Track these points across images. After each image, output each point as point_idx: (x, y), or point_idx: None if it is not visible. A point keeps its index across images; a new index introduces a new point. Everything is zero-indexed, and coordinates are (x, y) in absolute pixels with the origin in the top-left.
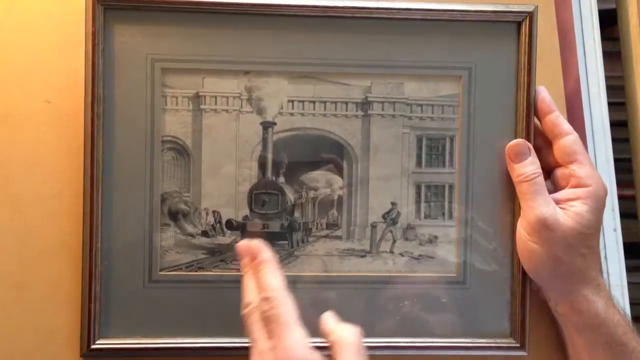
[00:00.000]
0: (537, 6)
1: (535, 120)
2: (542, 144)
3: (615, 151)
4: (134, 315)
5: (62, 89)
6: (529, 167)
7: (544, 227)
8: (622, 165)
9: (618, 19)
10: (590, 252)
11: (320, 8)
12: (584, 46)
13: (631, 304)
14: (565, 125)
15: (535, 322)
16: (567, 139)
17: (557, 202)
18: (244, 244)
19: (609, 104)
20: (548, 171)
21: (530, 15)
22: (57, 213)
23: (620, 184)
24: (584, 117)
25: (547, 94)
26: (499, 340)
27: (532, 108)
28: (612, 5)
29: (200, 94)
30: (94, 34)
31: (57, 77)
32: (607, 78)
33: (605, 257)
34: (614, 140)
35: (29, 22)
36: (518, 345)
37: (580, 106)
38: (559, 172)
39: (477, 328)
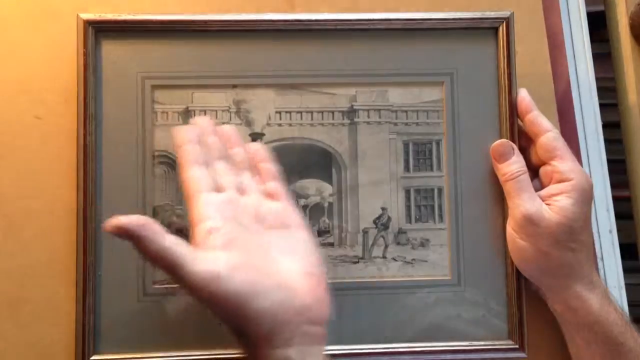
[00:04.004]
0: (513, 12)
1: (520, 122)
2: (527, 144)
3: (608, 152)
4: (128, 329)
5: (52, 105)
6: (513, 165)
7: (529, 223)
8: (616, 167)
9: (607, 20)
10: (581, 247)
11: (303, 22)
12: (573, 48)
13: (629, 305)
14: (545, 123)
15: (535, 322)
16: (546, 136)
17: (542, 199)
18: None
19: (601, 105)
20: (535, 170)
21: (507, 21)
22: (50, 229)
23: (615, 185)
24: (576, 120)
25: (527, 95)
26: (497, 342)
27: (514, 109)
28: (601, 7)
29: (190, 108)
30: (85, 54)
31: (47, 93)
32: (598, 80)
33: (602, 259)
34: (607, 141)
35: (19, 39)
36: (517, 346)
37: (571, 108)
38: (543, 170)
39: (474, 330)
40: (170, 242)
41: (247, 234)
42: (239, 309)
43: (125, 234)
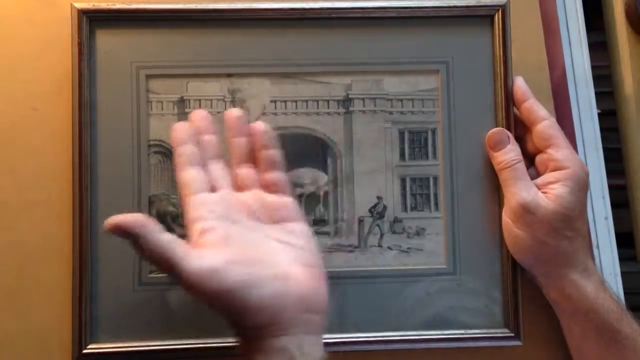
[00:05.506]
0: (509, 0)
1: (516, 110)
2: (523, 132)
3: (604, 141)
4: (124, 318)
5: (47, 96)
6: (508, 154)
7: (525, 212)
8: (612, 155)
9: (603, 7)
10: (576, 235)
11: (298, 10)
12: (569, 36)
13: (625, 293)
14: (541, 111)
15: (530, 311)
16: (542, 124)
17: (538, 187)
18: None
19: (597, 93)
20: (531, 159)
21: (503, 8)
22: (46, 219)
23: (610, 173)
24: (572, 108)
25: (523, 83)
26: (492, 331)
27: (510, 97)
28: None
29: (185, 98)
30: (79, 44)
31: (42, 85)
32: (593, 68)
33: (597, 246)
34: (603, 129)
35: (13, 30)
36: (512, 334)
37: (567, 96)
38: (539, 158)
39: (470, 319)
40: (166, 240)
41: (242, 230)
42: (236, 301)
43: (122, 232)
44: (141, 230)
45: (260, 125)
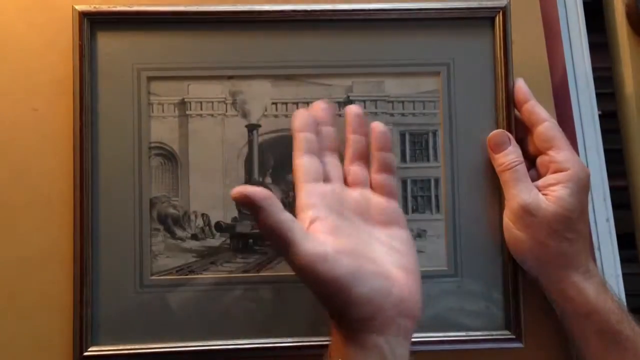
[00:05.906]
0: (509, 1)
1: (517, 112)
2: (524, 134)
3: (605, 142)
4: (125, 321)
5: (48, 97)
6: (509, 155)
7: (526, 213)
8: (613, 156)
9: (604, 8)
10: (577, 237)
11: (300, 12)
12: (569, 37)
13: (626, 295)
14: (542, 113)
15: (532, 312)
16: (543, 126)
17: (539, 189)
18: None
19: (598, 94)
20: (532, 160)
21: (503, 10)
22: (46, 221)
23: (612, 175)
24: (573, 109)
25: (524, 84)
26: (494, 333)
27: (511, 99)
28: None
29: (186, 100)
30: (81, 46)
31: (43, 86)
32: (594, 69)
33: (599, 248)
34: (604, 131)
35: (14, 32)
36: (514, 337)
37: (568, 98)
38: (540, 160)
39: (471, 321)
40: (286, 219)
41: (350, 225)
42: (342, 291)
43: (248, 203)
44: (264, 204)
45: (380, 126)
